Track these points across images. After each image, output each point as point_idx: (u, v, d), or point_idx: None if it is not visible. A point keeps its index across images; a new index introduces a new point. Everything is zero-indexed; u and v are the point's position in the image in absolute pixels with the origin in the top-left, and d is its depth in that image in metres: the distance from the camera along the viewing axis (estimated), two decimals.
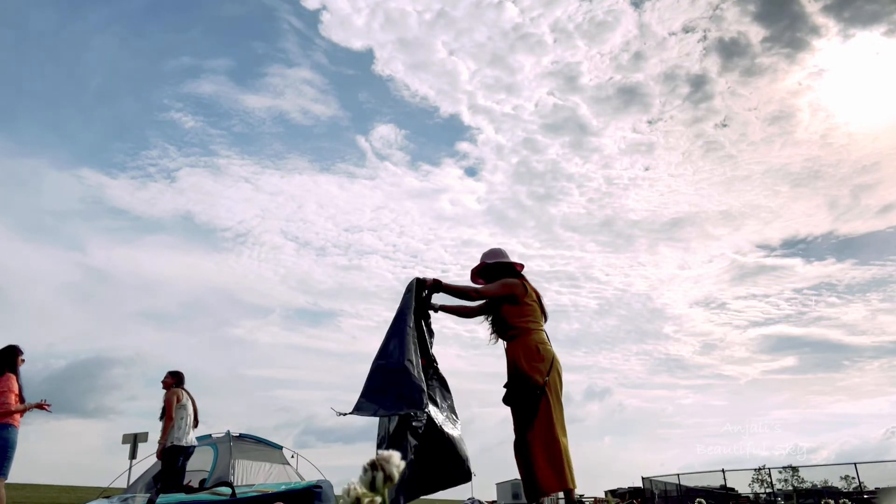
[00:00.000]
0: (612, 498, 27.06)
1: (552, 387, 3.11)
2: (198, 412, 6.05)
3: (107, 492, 9.66)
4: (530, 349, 3.18)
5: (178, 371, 6.17)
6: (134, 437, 12.28)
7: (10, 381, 4.72)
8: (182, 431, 5.70)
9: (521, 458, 3.08)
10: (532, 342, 3.20)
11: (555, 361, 3.19)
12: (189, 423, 5.82)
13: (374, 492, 0.72)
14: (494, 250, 3.53)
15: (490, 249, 3.55)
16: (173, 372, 6.16)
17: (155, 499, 1.44)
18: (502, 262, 3.46)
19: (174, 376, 6.11)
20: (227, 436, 8.90)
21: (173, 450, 5.62)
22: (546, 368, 3.12)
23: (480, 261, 3.53)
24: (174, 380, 6.07)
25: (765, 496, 24.04)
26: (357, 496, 0.73)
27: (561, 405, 3.15)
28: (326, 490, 1.90)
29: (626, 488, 32.90)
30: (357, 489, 0.73)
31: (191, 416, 5.88)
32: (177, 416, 5.76)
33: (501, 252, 3.52)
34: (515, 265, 3.46)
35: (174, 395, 5.86)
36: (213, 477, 8.01)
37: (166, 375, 6.15)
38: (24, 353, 4.96)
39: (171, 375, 6.11)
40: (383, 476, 0.72)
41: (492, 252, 3.53)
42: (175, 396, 5.85)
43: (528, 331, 3.24)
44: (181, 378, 6.12)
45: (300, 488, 1.92)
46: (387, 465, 0.73)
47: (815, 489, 21.81)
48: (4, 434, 4.56)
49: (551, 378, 3.13)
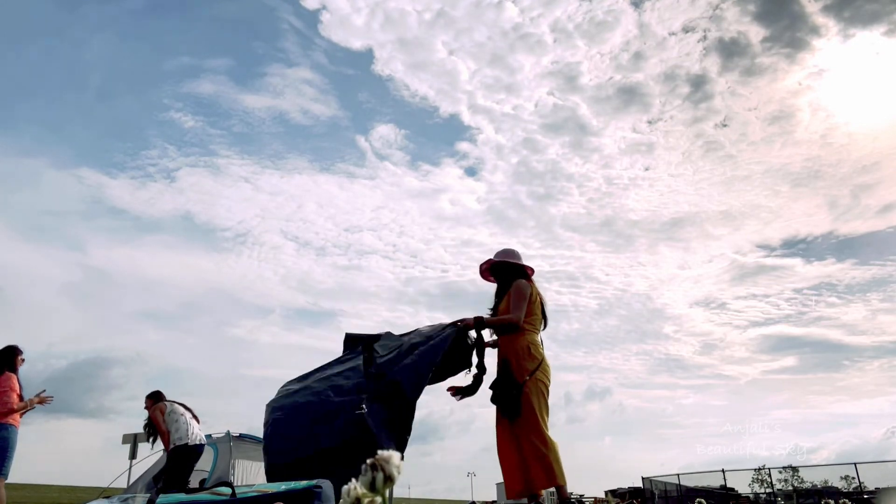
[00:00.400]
0: (612, 498, 27.06)
1: (537, 386, 3.17)
2: (191, 408, 6.04)
3: (107, 492, 9.66)
4: (522, 348, 3.25)
5: (155, 391, 6.19)
6: (134, 437, 12.26)
7: (11, 381, 4.73)
8: (183, 432, 5.69)
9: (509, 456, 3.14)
10: (525, 342, 3.27)
11: (543, 363, 3.27)
12: (187, 421, 5.79)
13: (374, 492, 0.72)
14: (509, 250, 3.58)
15: (505, 249, 3.60)
16: (149, 394, 6.18)
17: (155, 499, 1.44)
18: (516, 263, 3.50)
19: (151, 398, 6.13)
20: (227, 436, 8.90)
21: (182, 449, 5.62)
22: (533, 367, 3.19)
23: (495, 257, 3.57)
24: (152, 401, 6.09)
25: (765, 496, 24.06)
26: (357, 496, 0.73)
27: (547, 406, 3.21)
28: (326, 490, 1.90)
29: (626, 488, 32.93)
30: (357, 489, 0.74)
31: (185, 416, 5.85)
32: (170, 421, 5.76)
33: (516, 254, 3.57)
34: (527, 269, 3.51)
35: (157, 410, 5.87)
36: (213, 477, 8.01)
37: (145, 400, 6.17)
38: (23, 353, 4.98)
39: (148, 398, 6.14)
40: (383, 476, 0.72)
41: (507, 251, 3.57)
42: (158, 410, 5.86)
43: (524, 331, 3.30)
44: (158, 395, 6.14)
45: (300, 488, 1.92)
46: (387, 465, 0.73)
47: (815, 489, 21.84)
48: (4, 434, 4.57)
49: (538, 377, 3.19)
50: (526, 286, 3.38)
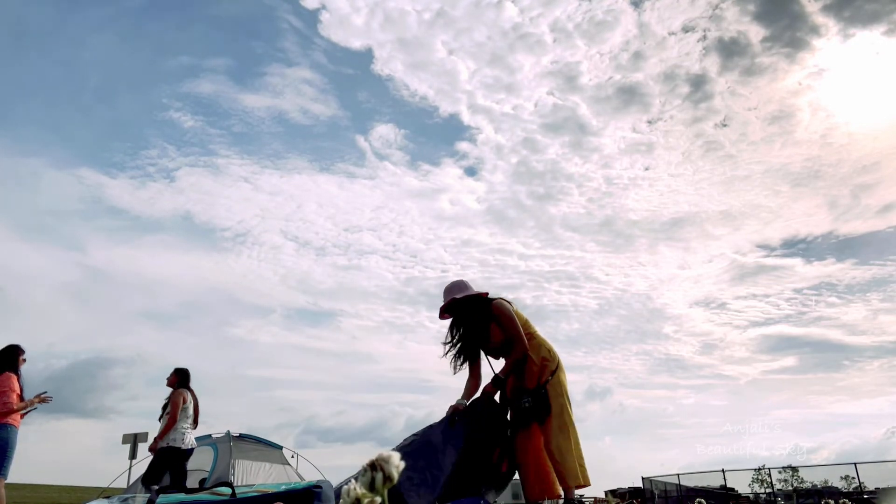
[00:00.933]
0: (612, 498, 27.03)
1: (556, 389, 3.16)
2: (199, 413, 5.93)
3: (107, 492, 9.67)
4: (539, 355, 3.24)
5: (183, 368, 5.97)
6: (134, 437, 12.26)
7: (12, 381, 4.72)
8: (180, 434, 5.62)
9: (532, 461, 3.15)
10: (542, 350, 3.27)
11: (559, 364, 3.26)
12: (188, 425, 5.73)
13: (374, 492, 0.72)
14: (458, 283, 3.39)
15: (452, 283, 3.40)
16: (178, 370, 5.96)
17: (155, 499, 1.43)
18: (469, 295, 3.32)
19: (178, 374, 5.92)
20: (227, 436, 8.90)
21: (170, 451, 5.56)
22: (553, 368, 3.21)
23: (445, 297, 3.36)
24: (178, 378, 5.89)
25: (765, 496, 24.05)
26: (357, 496, 0.73)
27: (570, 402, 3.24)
28: (326, 490, 1.90)
29: (626, 488, 32.89)
30: (357, 489, 0.74)
31: (191, 419, 5.78)
32: (181, 417, 5.66)
33: (465, 284, 3.38)
34: (481, 294, 3.34)
35: (180, 396, 5.70)
36: (212, 477, 8.01)
37: (171, 373, 5.97)
38: (25, 353, 4.96)
39: (175, 374, 5.93)
40: (382, 476, 0.72)
41: (456, 286, 3.38)
42: (182, 398, 5.70)
43: (532, 340, 3.29)
44: (185, 376, 5.93)
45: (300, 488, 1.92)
46: (386, 465, 0.73)
47: (815, 489, 21.82)
48: (4, 434, 4.55)
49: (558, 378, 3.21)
50: (504, 304, 3.28)
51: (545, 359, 3.23)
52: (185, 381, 5.92)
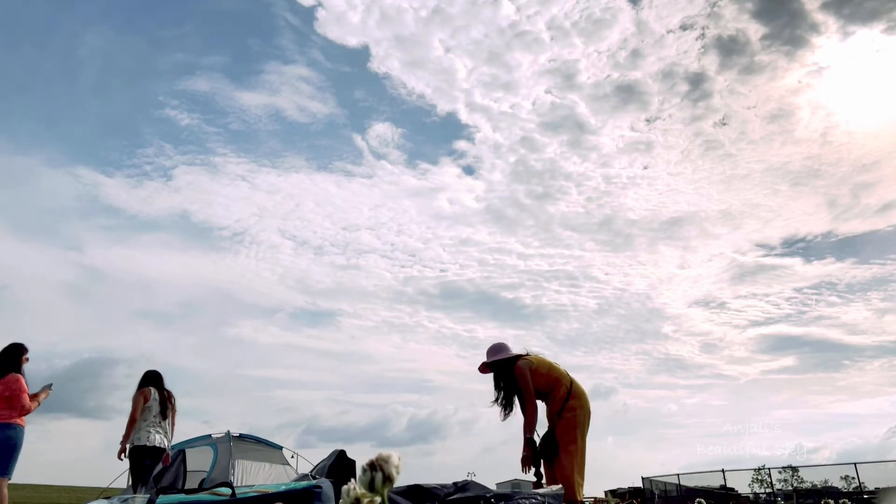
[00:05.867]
0: (612, 498, 27.04)
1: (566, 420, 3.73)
2: (170, 408, 5.79)
3: (107, 492, 9.67)
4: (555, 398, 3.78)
5: (152, 370, 5.89)
6: None
7: (20, 382, 4.70)
8: (144, 432, 5.47)
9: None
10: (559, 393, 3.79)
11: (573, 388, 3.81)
12: (153, 422, 5.57)
13: (373, 492, 0.73)
14: (496, 346, 3.94)
15: (493, 346, 3.96)
16: (146, 373, 5.87)
17: (155, 499, 1.44)
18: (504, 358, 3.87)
19: (144, 375, 5.84)
20: (226, 436, 8.90)
21: (135, 450, 5.42)
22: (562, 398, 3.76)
23: (487, 358, 3.93)
24: (140, 383, 5.78)
25: (765, 496, 24.04)
26: (357, 496, 0.74)
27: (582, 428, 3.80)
28: (326, 490, 1.91)
29: (626, 488, 32.91)
30: (357, 489, 0.74)
31: (156, 416, 5.63)
32: (140, 417, 5.54)
33: (504, 347, 3.94)
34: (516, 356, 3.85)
35: (140, 396, 5.62)
36: (212, 477, 8.02)
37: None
38: (28, 352, 4.95)
39: (143, 377, 5.85)
40: (382, 476, 0.72)
41: (493, 348, 3.94)
42: (142, 397, 5.61)
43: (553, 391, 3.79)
44: (149, 376, 5.84)
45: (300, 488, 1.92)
46: (386, 465, 0.73)
47: (815, 489, 21.83)
48: (9, 433, 4.55)
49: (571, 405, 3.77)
50: (521, 368, 3.76)
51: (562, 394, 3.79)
52: (149, 381, 5.80)
